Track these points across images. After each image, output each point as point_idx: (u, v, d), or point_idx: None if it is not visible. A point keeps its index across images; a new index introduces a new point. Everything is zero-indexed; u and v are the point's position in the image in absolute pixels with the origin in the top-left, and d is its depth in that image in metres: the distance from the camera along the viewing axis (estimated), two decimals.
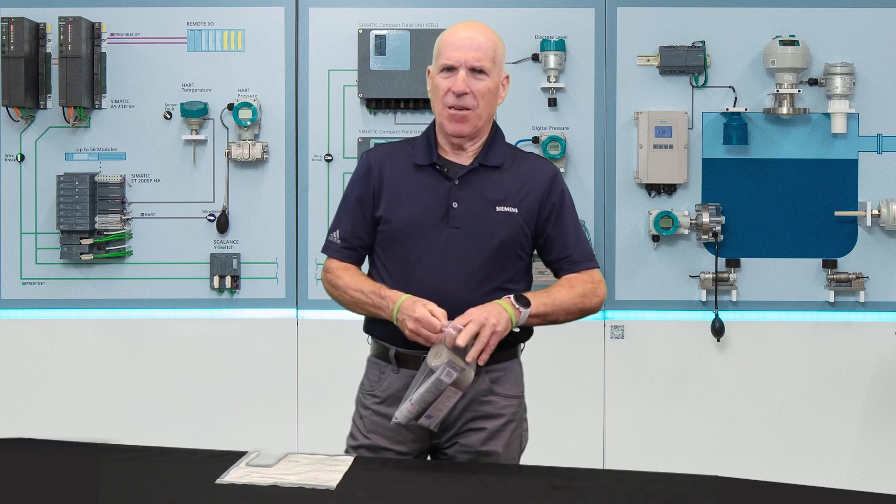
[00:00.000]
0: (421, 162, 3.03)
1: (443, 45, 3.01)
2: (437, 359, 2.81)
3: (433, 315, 2.83)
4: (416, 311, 2.84)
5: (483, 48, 2.97)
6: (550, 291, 2.98)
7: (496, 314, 2.84)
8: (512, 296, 2.90)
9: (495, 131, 3.07)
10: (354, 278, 3.04)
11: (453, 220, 2.97)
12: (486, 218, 2.97)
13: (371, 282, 3.03)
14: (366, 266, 3.14)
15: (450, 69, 2.97)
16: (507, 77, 3.08)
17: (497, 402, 3.02)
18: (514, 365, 3.08)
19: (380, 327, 3.03)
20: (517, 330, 2.92)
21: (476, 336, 2.81)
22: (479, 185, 3.00)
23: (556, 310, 2.96)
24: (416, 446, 3.03)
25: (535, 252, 3.10)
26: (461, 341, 2.79)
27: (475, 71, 2.96)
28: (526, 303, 2.90)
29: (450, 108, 2.97)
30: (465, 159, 3.03)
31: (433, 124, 3.08)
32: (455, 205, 2.98)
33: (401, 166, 3.04)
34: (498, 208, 2.99)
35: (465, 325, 2.81)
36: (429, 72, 3.07)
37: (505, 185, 3.01)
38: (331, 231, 3.13)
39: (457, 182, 2.99)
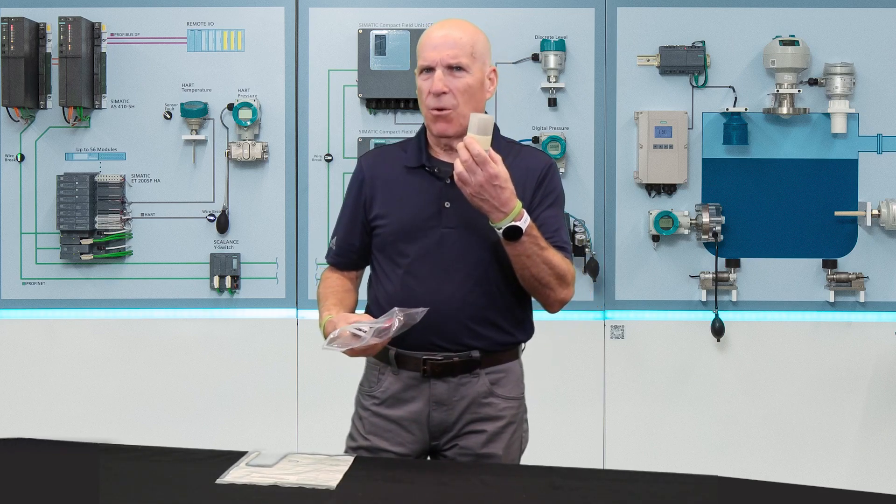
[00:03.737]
0: (411, 164, 3.02)
1: (420, 47, 2.98)
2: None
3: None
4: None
5: (459, 45, 2.93)
6: (549, 248, 2.90)
7: (494, 199, 2.79)
8: (518, 222, 2.81)
9: None
10: (324, 288, 3.08)
11: (446, 221, 2.96)
12: (479, 217, 2.93)
13: (331, 294, 3.04)
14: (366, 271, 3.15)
15: (428, 70, 2.95)
16: (495, 70, 3.03)
17: (497, 404, 3.01)
18: (514, 366, 3.07)
19: None
20: (498, 227, 2.85)
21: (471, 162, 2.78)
22: None
23: (530, 261, 2.87)
24: (415, 448, 3.03)
25: None
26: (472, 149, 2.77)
27: (452, 68, 2.92)
28: (512, 236, 2.82)
29: (431, 109, 2.95)
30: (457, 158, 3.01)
31: (425, 125, 3.08)
32: (447, 205, 2.96)
33: (393, 170, 3.03)
34: None
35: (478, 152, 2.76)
36: (416, 73, 3.05)
37: None
38: (331, 236, 3.16)
39: (448, 181, 2.97)
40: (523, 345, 3.10)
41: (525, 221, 2.84)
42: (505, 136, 3.08)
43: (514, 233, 2.83)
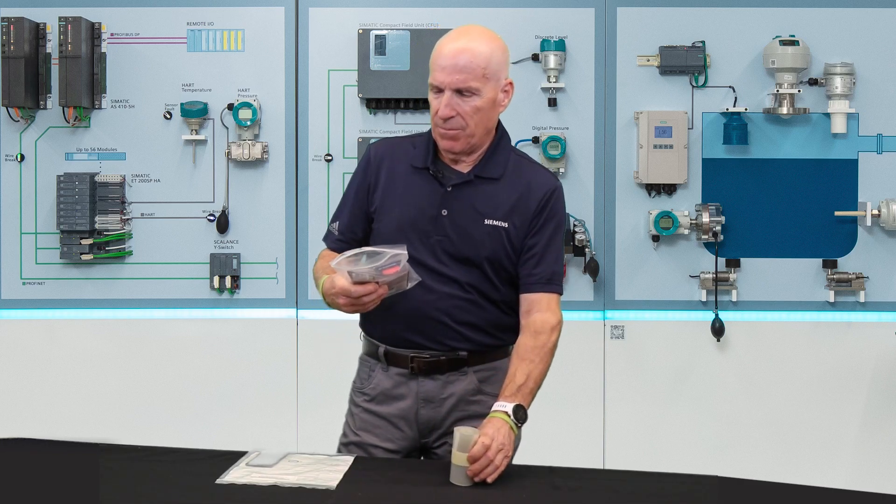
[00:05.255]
0: (418, 164, 3.00)
1: (433, 61, 2.91)
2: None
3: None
4: (336, 285, 2.80)
5: (469, 67, 2.86)
6: (530, 373, 2.89)
7: (506, 439, 2.75)
8: (511, 413, 2.80)
9: (500, 138, 3.00)
10: (324, 262, 3.03)
11: (440, 228, 2.95)
12: (472, 230, 2.94)
13: (329, 267, 2.99)
14: None
15: (438, 89, 2.90)
16: (511, 83, 2.96)
17: (486, 402, 2.99)
18: (504, 364, 3.04)
19: (371, 325, 3.04)
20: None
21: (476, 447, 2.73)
22: (471, 196, 2.96)
23: (537, 386, 2.92)
24: (404, 444, 3.03)
25: None
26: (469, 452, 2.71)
27: (461, 92, 2.87)
28: (523, 417, 2.84)
29: (439, 128, 2.92)
30: (464, 166, 2.98)
31: None
32: (444, 212, 2.95)
33: (400, 165, 3.02)
34: (486, 221, 2.94)
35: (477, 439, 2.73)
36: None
37: (498, 197, 2.96)
38: (332, 220, 3.13)
39: (449, 189, 2.97)
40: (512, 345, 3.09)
41: (512, 402, 2.82)
42: (515, 147, 3.06)
43: (523, 413, 2.84)
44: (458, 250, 2.94)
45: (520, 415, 2.82)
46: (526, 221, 2.96)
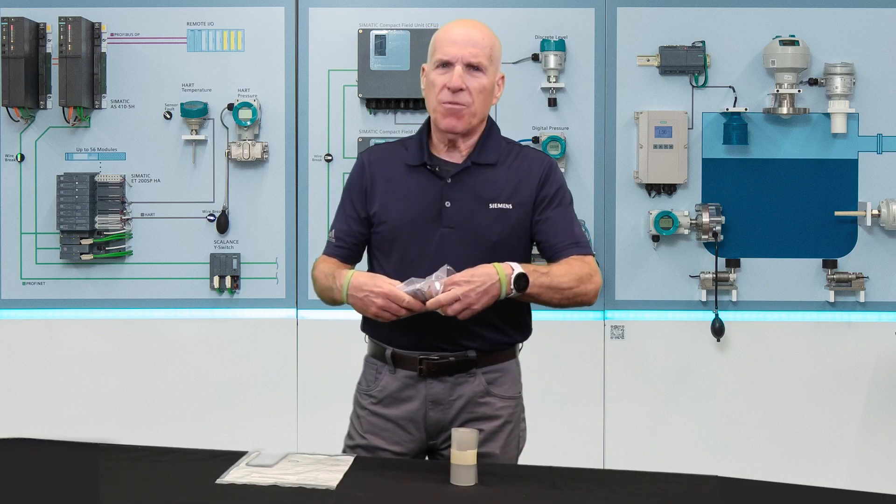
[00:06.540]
0: (413, 162, 3.02)
1: (439, 41, 2.99)
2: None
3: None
4: (383, 287, 2.82)
5: (480, 45, 2.96)
6: (550, 270, 2.90)
7: (482, 289, 2.79)
8: (515, 271, 2.82)
9: (490, 128, 3.04)
10: (326, 265, 3.04)
11: (446, 220, 2.96)
12: (479, 216, 2.95)
13: (335, 266, 3.01)
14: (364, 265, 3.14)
15: (445, 65, 2.95)
16: (503, 77, 3.05)
17: (494, 404, 3.01)
18: (511, 365, 3.07)
19: (377, 327, 3.02)
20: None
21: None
22: (472, 184, 2.98)
23: (550, 291, 2.88)
24: (412, 447, 3.03)
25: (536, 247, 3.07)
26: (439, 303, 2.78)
27: (472, 67, 2.94)
28: (523, 285, 2.82)
29: (444, 103, 2.95)
30: (458, 158, 3.01)
31: (426, 123, 3.07)
32: (448, 204, 2.96)
33: (394, 167, 3.04)
34: (491, 206, 2.96)
35: (448, 289, 2.78)
36: (423, 69, 3.05)
37: (499, 181, 2.99)
38: (330, 229, 3.14)
39: (449, 181, 2.98)
40: (521, 344, 3.09)
41: (515, 266, 2.84)
42: (505, 136, 3.09)
43: (523, 280, 2.82)
44: (466, 240, 2.94)
45: (521, 283, 2.81)
46: (531, 199, 2.98)
